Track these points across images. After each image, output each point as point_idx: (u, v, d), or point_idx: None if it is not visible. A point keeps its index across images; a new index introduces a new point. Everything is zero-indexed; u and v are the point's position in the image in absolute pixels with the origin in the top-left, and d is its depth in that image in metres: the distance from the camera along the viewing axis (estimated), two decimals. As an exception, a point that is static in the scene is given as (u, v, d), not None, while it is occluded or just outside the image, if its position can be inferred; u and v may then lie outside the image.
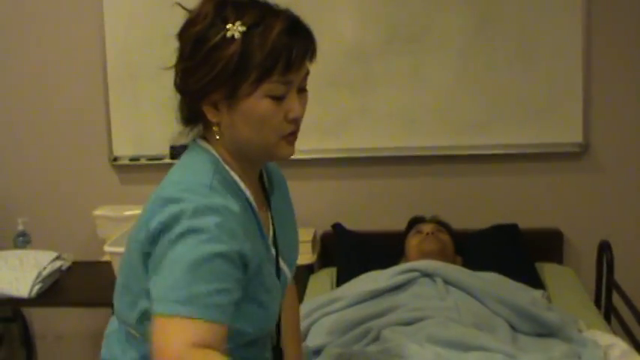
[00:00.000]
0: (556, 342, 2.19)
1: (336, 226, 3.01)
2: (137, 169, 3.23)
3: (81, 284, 2.77)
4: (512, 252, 2.89)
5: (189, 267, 1.21)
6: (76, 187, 3.30)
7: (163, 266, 1.23)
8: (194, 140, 1.43)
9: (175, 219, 1.24)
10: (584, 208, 3.15)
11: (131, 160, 3.22)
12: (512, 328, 2.24)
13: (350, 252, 2.93)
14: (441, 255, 2.57)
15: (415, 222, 2.84)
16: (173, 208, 1.25)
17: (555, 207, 3.16)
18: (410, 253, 2.67)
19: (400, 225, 2.90)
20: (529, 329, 2.23)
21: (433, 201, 3.13)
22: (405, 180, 3.19)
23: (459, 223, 2.93)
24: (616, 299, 2.79)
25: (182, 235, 1.23)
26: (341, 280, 2.69)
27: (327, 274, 2.95)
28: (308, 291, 2.81)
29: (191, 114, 1.40)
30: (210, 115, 1.34)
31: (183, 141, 1.46)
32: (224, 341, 1.24)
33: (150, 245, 1.28)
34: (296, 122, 1.35)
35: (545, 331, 2.24)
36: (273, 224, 1.52)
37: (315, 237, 3.11)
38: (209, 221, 1.24)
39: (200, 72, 1.30)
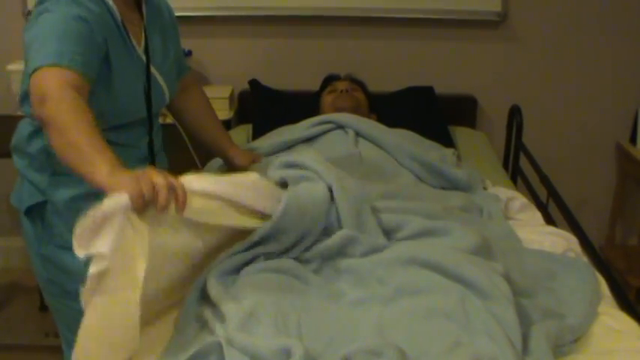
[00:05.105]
0: (457, 194, 2.21)
1: (253, 82, 2.98)
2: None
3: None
4: (426, 114, 2.91)
5: (52, 31, 1.48)
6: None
7: (30, 44, 1.50)
8: None
9: (39, 12, 1.53)
10: (498, 76, 3.21)
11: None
12: (419, 180, 2.28)
13: (266, 108, 2.91)
14: (354, 112, 2.53)
15: (330, 80, 2.81)
16: (40, 8, 1.54)
17: (470, 74, 3.20)
18: (324, 110, 2.64)
19: (316, 85, 2.88)
20: (435, 183, 2.26)
21: (350, 62, 3.12)
22: (322, 40, 3.17)
23: (375, 86, 2.93)
24: (523, 161, 2.90)
25: (39, 14, 1.52)
26: (256, 136, 2.68)
27: (244, 130, 2.94)
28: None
29: None
30: None
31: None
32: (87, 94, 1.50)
33: None
34: None
35: (450, 187, 2.27)
36: (145, 37, 1.75)
37: (232, 94, 3.09)
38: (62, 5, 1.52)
39: None
